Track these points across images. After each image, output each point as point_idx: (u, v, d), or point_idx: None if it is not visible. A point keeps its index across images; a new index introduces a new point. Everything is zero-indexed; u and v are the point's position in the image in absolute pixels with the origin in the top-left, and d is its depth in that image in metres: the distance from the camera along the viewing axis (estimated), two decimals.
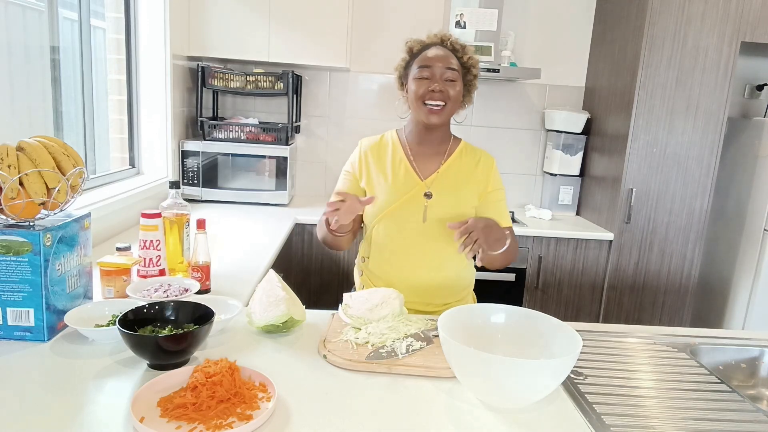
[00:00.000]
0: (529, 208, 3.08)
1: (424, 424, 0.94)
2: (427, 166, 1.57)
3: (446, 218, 1.50)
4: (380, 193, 1.54)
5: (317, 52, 2.83)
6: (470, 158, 1.60)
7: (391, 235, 1.54)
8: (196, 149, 2.81)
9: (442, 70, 1.47)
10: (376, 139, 1.63)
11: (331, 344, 1.20)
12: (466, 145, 1.64)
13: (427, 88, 1.47)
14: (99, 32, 2.40)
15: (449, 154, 1.59)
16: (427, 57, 1.49)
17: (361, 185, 1.59)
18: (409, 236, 1.53)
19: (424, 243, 1.53)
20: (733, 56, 2.61)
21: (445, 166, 1.57)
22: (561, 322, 1.10)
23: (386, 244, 1.55)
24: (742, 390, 1.36)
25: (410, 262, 1.54)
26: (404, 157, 1.57)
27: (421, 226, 1.52)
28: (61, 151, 1.22)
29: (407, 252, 1.54)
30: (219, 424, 0.87)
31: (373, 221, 1.56)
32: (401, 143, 1.60)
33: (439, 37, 1.53)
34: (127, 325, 1.07)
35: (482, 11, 2.92)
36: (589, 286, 2.86)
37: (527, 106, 3.29)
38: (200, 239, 1.51)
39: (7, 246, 1.10)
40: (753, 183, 2.82)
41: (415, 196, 1.53)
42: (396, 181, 1.54)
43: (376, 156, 1.59)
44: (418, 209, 1.52)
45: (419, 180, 1.54)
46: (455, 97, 1.50)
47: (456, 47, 1.52)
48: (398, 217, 1.53)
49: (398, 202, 1.52)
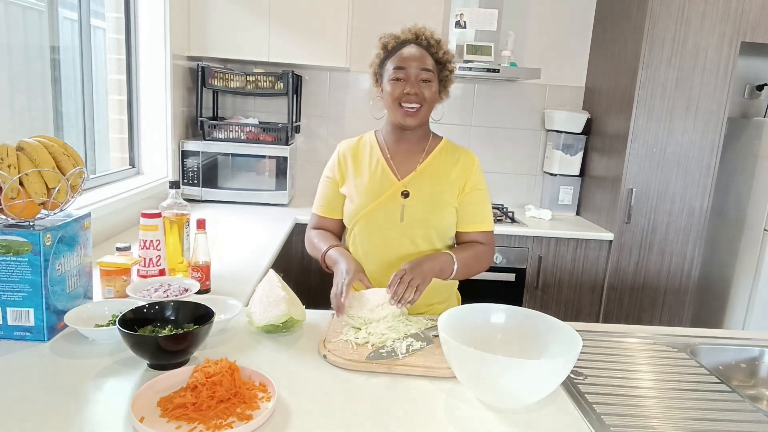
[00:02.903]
0: (529, 208, 3.08)
1: (424, 424, 0.94)
2: (405, 166, 1.55)
3: (425, 217, 1.50)
4: (358, 195, 1.54)
5: (317, 52, 2.83)
6: (450, 157, 1.57)
7: (370, 235, 1.54)
8: (196, 149, 2.81)
9: (417, 72, 1.45)
10: (354, 141, 1.62)
11: (331, 344, 1.20)
12: (447, 144, 1.61)
13: (402, 90, 1.45)
14: (99, 32, 2.40)
15: (428, 152, 1.57)
16: (402, 57, 1.46)
17: (341, 190, 1.58)
18: (388, 236, 1.52)
19: (403, 242, 1.52)
20: (733, 56, 2.61)
21: (423, 164, 1.55)
22: (561, 322, 1.09)
23: (366, 244, 1.55)
24: (742, 390, 1.36)
25: (390, 261, 1.52)
26: (381, 157, 1.56)
27: (400, 226, 1.51)
28: (61, 151, 1.22)
29: (387, 251, 1.53)
30: (219, 424, 0.87)
31: (352, 222, 1.56)
32: (379, 144, 1.59)
33: (414, 32, 1.49)
34: (127, 325, 1.07)
35: (482, 11, 2.92)
36: (589, 286, 2.86)
37: (527, 106, 3.29)
38: (200, 239, 1.51)
39: (7, 246, 1.10)
40: (753, 183, 2.82)
41: (393, 195, 1.51)
42: (372, 182, 1.53)
43: (354, 158, 1.58)
44: (396, 209, 1.51)
45: (396, 180, 1.53)
46: (431, 98, 1.48)
47: (431, 42, 1.49)
48: (376, 218, 1.52)
49: (375, 202, 1.51)
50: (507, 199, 3.34)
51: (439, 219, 1.52)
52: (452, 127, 3.27)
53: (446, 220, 1.54)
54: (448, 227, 1.55)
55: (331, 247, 1.50)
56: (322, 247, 1.52)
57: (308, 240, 1.64)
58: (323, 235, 1.59)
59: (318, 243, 1.56)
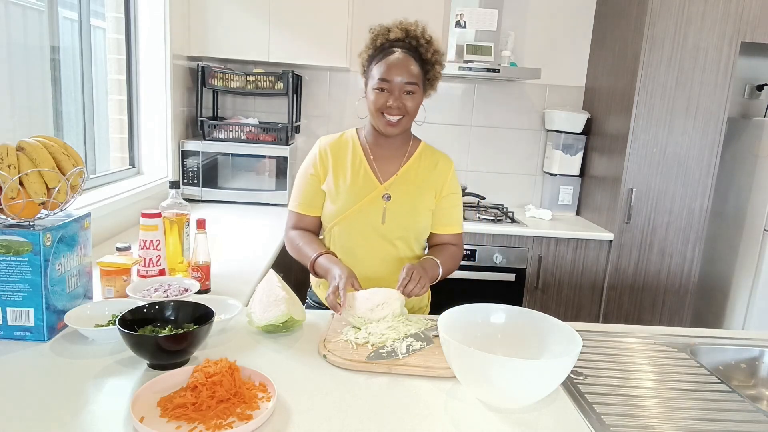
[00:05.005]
0: (529, 208, 3.08)
1: (424, 424, 0.94)
2: (387, 168, 1.57)
3: (404, 219, 1.54)
4: (340, 196, 1.54)
5: (317, 52, 2.83)
6: (429, 161, 1.60)
7: (349, 236, 1.55)
8: (196, 149, 2.81)
9: (401, 85, 1.45)
10: (335, 137, 1.61)
11: (331, 344, 1.20)
12: (425, 147, 1.63)
13: (385, 102, 1.46)
14: (99, 32, 2.39)
15: (409, 156, 1.59)
16: (387, 67, 1.44)
17: (322, 187, 1.57)
18: (368, 237, 1.54)
19: (383, 243, 1.54)
20: (733, 56, 2.61)
21: (404, 168, 1.57)
22: (561, 322, 1.09)
23: (345, 244, 1.56)
24: (742, 390, 1.36)
25: (369, 261, 1.54)
26: (364, 158, 1.56)
27: (381, 227, 1.53)
28: (61, 151, 1.22)
29: (365, 251, 1.55)
30: (219, 424, 0.87)
31: (332, 222, 1.56)
32: (361, 144, 1.59)
33: (404, 29, 1.50)
34: (127, 325, 1.07)
35: (482, 11, 2.92)
36: (589, 286, 2.86)
37: (527, 106, 3.29)
38: (200, 239, 1.51)
39: (7, 246, 1.10)
40: (753, 183, 2.82)
41: (375, 198, 1.53)
42: (355, 184, 1.54)
43: (335, 154, 1.58)
44: (377, 211, 1.53)
45: (378, 183, 1.54)
46: (413, 109, 1.49)
47: (420, 42, 1.49)
48: (357, 219, 1.53)
49: (357, 204, 1.52)
50: (507, 199, 3.34)
51: (417, 222, 1.56)
52: (452, 127, 3.27)
53: (424, 223, 1.58)
54: (424, 230, 1.60)
55: (320, 254, 1.48)
56: (310, 253, 1.50)
57: (290, 242, 1.59)
58: (307, 239, 1.56)
59: (304, 248, 1.53)
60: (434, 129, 3.20)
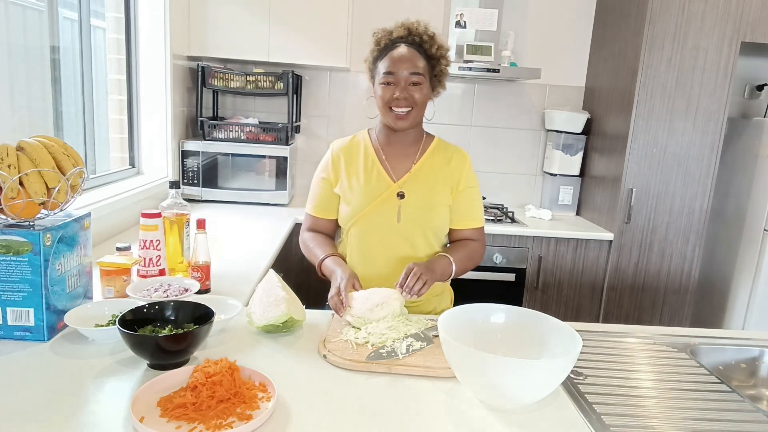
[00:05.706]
0: (529, 208, 3.08)
1: (424, 424, 0.94)
2: (400, 167, 1.57)
3: (420, 216, 1.53)
4: (354, 196, 1.55)
5: (317, 52, 2.83)
6: (443, 156, 1.59)
7: (366, 236, 1.55)
8: (196, 149, 2.81)
9: (407, 75, 1.45)
10: (347, 141, 1.63)
11: (331, 344, 1.20)
12: (439, 143, 1.62)
13: (392, 94, 1.46)
14: (99, 32, 2.39)
15: (422, 152, 1.59)
16: (392, 60, 1.46)
17: (335, 190, 1.59)
18: (384, 236, 1.54)
19: (399, 241, 1.54)
20: (733, 56, 2.61)
21: (417, 165, 1.56)
22: (561, 322, 1.09)
23: (362, 245, 1.56)
24: (742, 390, 1.36)
25: (386, 260, 1.55)
26: (376, 158, 1.57)
27: (396, 226, 1.53)
28: (61, 151, 1.22)
29: (383, 251, 1.55)
30: (219, 424, 0.87)
31: (348, 224, 1.57)
32: (372, 144, 1.60)
33: (407, 27, 1.50)
34: (127, 325, 1.07)
35: (482, 11, 2.92)
36: (589, 286, 2.86)
37: (527, 106, 3.29)
38: (200, 239, 1.51)
39: (7, 246, 1.10)
40: (753, 183, 2.82)
41: (389, 197, 1.53)
42: (369, 184, 1.54)
43: (348, 158, 1.59)
44: (392, 210, 1.53)
45: (392, 182, 1.55)
46: (421, 100, 1.49)
47: (423, 38, 1.49)
48: (373, 219, 1.54)
49: (371, 204, 1.53)
50: (507, 199, 3.34)
51: (434, 219, 1.55)
52: (452, 127, 3.27)
53: (441, 219, 1.57)
54: (443, 226, 1.58)
55: (327, 256, 1.53)
56: (319, 254, 1.55)
57: (303, 242, 1.66)
58: (319, 240, 1.60)
59: (314, 249, 1.58)
60: (434, 129, 3.14)
